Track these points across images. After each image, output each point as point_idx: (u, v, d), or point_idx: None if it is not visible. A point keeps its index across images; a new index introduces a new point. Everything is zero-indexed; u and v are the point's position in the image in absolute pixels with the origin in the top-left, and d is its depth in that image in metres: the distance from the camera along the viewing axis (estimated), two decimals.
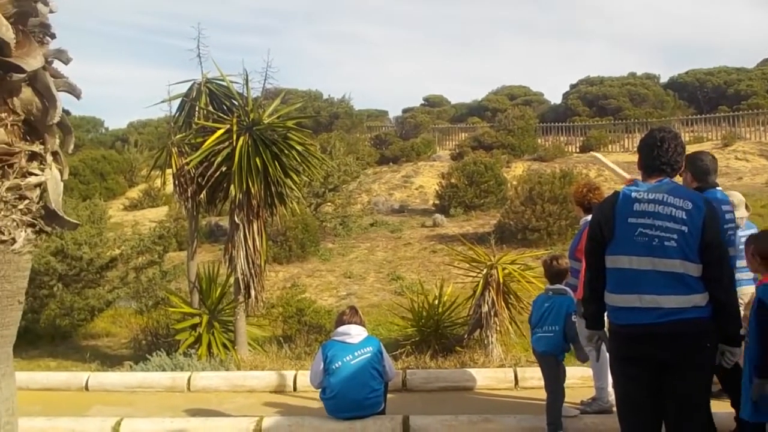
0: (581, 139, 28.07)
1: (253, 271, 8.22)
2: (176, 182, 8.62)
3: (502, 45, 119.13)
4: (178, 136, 8.62)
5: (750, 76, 34.74)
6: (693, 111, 31.79)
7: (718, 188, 5.02)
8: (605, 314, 3.74)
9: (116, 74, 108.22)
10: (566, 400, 5.34)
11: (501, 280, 7.66)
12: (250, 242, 8.19)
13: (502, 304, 7.65)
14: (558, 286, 5.38)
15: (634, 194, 3.53)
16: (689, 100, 34.80)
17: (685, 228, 3.39)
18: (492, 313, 7.54)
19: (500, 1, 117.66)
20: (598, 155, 6.71)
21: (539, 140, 27.90)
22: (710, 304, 3.43)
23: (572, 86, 37.77)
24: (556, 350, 5.21)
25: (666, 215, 3.43)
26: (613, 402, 5.22)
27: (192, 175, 8.41)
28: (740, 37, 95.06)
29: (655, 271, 3.41)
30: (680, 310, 3.38)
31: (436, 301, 8.48)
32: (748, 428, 4.10)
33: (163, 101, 8.78)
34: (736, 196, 6.33)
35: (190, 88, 8.77)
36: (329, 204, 17.15)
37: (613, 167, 18.75)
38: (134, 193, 24.41)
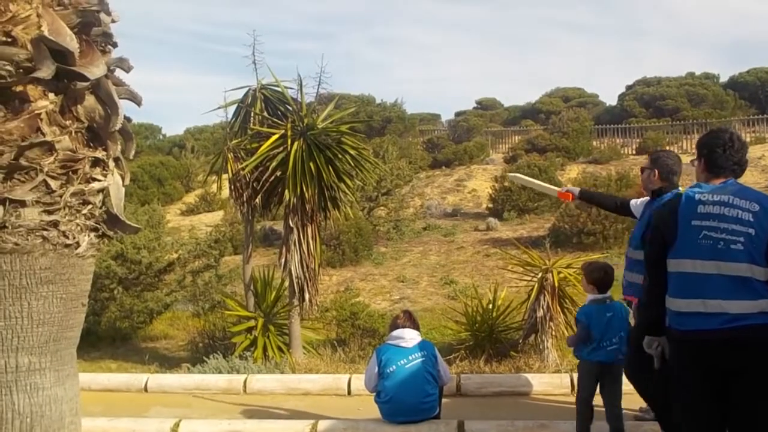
0: (638, 140, 27.54)
1: (307, 275, 8.29)
2: (232, 187, 8.74)
3: (556, 46, 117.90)
4: (233, 142, 8.74)
5: None
6: (754, 111, 30.90)
7: (679, 188, 4.88)
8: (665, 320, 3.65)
9: (173, 81, 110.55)
10: (625, 407, 5.23)
11: (556, 284, 7.56)
12: (304, 246, 8.26)
13: (558, 308, 7.56)
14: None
15: (698, 196, 3.44)
16: (750, 99, 33.86)
17: (752, 230, 3.29)
18: (547, 318, 7.45)
19: (555, 2, 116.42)
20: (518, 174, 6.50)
21: (594, 143, 27.48)
22: None
23: (628, 87, 37.11)
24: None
25: (732, 217, 3.33)
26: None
27: (247, 179, 8.53)
28: None
29: (721, 275, 3.31)
30: (746, 315, 3.28)
31: (490, 305, 8.41)
32: None
33: (219, 107, 8.95)
34: None
35: (246, 94, 8.90)
36: (382, 208, 17.18)
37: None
38: (191, 198, 24.84)
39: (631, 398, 5.99)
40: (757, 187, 10.07)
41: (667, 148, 26.07)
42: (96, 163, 3.40)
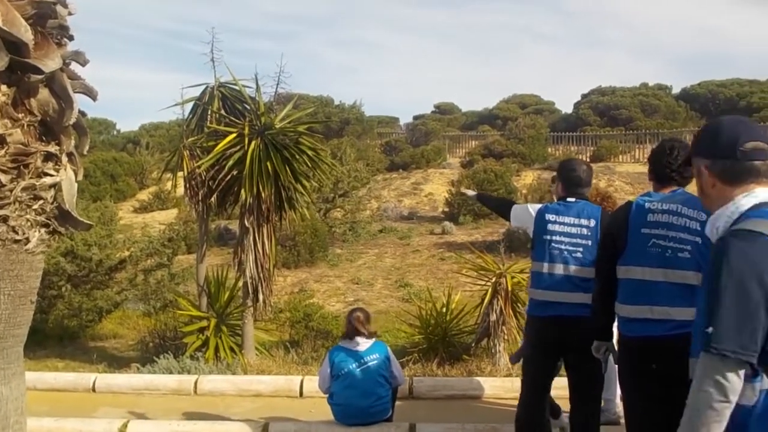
0: (592, 149, 28.00)
1: (261, 276, 8.23)
2: (187, 185, 8.65)
3: (515, 53, 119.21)
4: (190, 139, 8.66)
5: (762, 88, 34.55)
6: (705, 122, 31.65)
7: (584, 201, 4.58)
8: (615, 326, 3.72)
9: (130, 77, 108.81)
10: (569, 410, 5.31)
11: (510, 289, 7.64)
12: (259, 246, 8.20)
13: (511, 312, 7.63)
14: None
15: (647, 204, 3.51)
16: (701, 111, 34.64)
17: (699, 239, 3.36)
18: (500, 322, 7.52)
19: (515, 10, 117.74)
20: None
21: (550, 149, 27.85)
22: None
23: (584, 96, 37.68)
24: None
25: (680, 226, 3.41)
26: (621, 413, 5.20)
27: (203, 178, 8.44)
28: (754, 49, 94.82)
29: (668, 282, 3.39)
30: (692, 322, 3.35)
31: (444, 309, 8.46)
32: None
33: (175, 104, 8.84)
34: None
35: (203, 92, 8.81)
36: (339, 210, 17.18)
37: None
38: (144, 195, 24.50)
39: None
40: None
41: (620, 157, 26.60)
42: (48, 157, 3.34)
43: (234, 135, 8.12)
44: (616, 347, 3.75)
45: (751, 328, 1.97)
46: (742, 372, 2.00)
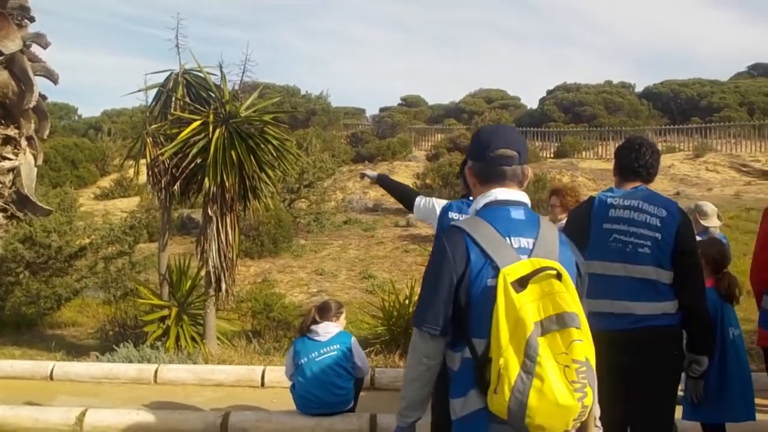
0: (556, 144, 28.29)
1: (224, 265, 8.19)
2: (150, 173, 8.55)
3: (482, 47, 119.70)
4: (153, 126, 8.55)
5: (723, 89, 35.25)
6: (666, 121, 32.18)
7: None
8: None
9: (92, 61, 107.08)
10: None
11: None
12: (222, 236, 8.15)
13: None
14: None
15: (609, 200, 3.56)
16: (663, 110, 35.20)
17: (659, 235, 3.42)
18: None
19: (483, 5, 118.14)
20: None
21: None
22: (680, 312, 3.46)
23: (549, 92, 38.01)
24: None
25: (641, 222, 3.46)
26: None
27: (166, 166, 8.35)
28: (716, 51, 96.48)
29: (628, 277, 3.44)
30: (651, 316, 3.41)
31: (407, 301, 8.49)
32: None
33: (139, 90, 8.73)
34: (709, 206, 6.47)
35: (167, 79, 8.70)
36: (303, 200, 17.11)
37: None
38: (106, 182, 24.13)
39: None
40: (666, 194, 10.48)
41: (584, 153, 26.90)
42: (7, 141, 3.28)
43: (198, 123, 8.05)
44: None
45: (438, 309, 2.31)
46: (435, 342, 2.35)
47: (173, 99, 8.54)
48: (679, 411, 3.95)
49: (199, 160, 8.09)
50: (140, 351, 7.78)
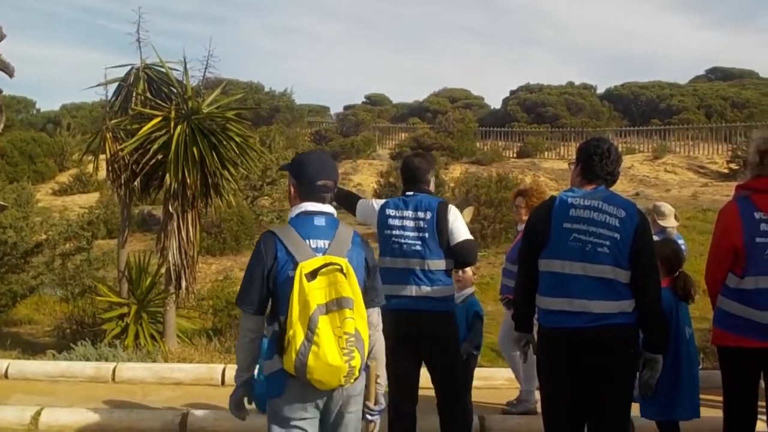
0: (519, 144, 28.53)
1: (185, 262, 8.10)
2: (109, 168, 8.42)
3: (446, 47, 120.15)
4: (113, 121, 8.42)
5: (682, 91, 35.85)
6: (626, 123, 32.64)
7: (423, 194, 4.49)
8: (535, 317, 3.80)
9: (51, 54, 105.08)
10: (492, 401, 5.41)
11: None
12: (183, 233, 8.06)
13: None
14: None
15: (570, 200, 3.59)
16: (623, 112, 35.69)
17: (617, 235, 3.47)
18: None
19: (449, 2, 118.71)
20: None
21: (478, 144, 28.24)
22: (636, 311, 3.51)
23: (512, 92, 38.29)
24: None
25: (600, 222, 3.50)
26: (539, 404, 5.33)
27: (126, 161, 8.22)
28: (675, 54, 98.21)
29: (587, 276, 3.48)
30: (608, 315, 3.46)
31: None
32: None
33: (98, 84, 8.58)
34: (666, 207, 6.57)
35: (128, 73, 8.58)
36: (266, 198, 17.01)
37: None
38: (64, 177, 23.76)
39: (501, 392, 6.24)
40: (626, 194, 10.62)
41: (546, 153, 27.17)
42: None
43: (159, 118, 7.95)
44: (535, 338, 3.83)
45: (253, 294, 2.99)
46: (254, 318, 3.02)
47: (134, 94, 8.41)
48: (635, 408, 4.02)
49: (160, 156, 7.98)
50: (98, 349, 7.66)
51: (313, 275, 2.83)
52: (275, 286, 2.96)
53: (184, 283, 8.12)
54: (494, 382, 6.56)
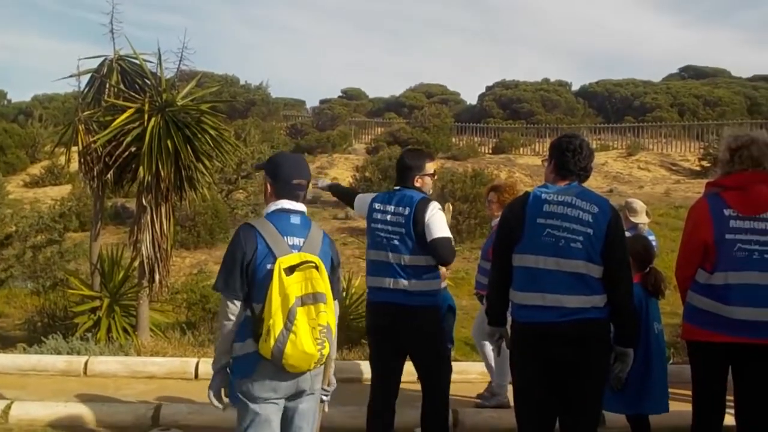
0: (494, 140, 28.66)
1: (158, 256, 8.03)
2: (82, 160, 8.31)
3: (423, 42, 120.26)
4: (86, 113, 8.30)
5: (655, 89, 36.26)
6: (601, 120, 32.94)
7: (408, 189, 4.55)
8: (508, 312, 3.83)
9: (22, 44, 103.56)
10: (465, 394, 5.44)
11: None
12: (157, 226, 7.99)
13: None
14: None
15: (544, 195, 3.62)
16: (598, 109, 36.01)
17: (590, 230, 3.50)
18: None
19: None
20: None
21: (454, 139, 28.34)
22: (608, 306, 3.55)
23: (488, 88, 38.47)
24: None
25: (573, 217, 3.53)
26: (512, 398, 5.37)
27: (99, 153, 8.11)
28: (650, 52, 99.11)
29: (560, 271, 3.51)
30: (581, 309, 3.49)
31: (344, 293, 8.49)
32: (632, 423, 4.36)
33: (71, 75, 8.44)
34: (638, 203, 6.63)
35: (101, 64, 8.47)
36: (241, 191, 16.93)
37: None
38: (36, 169, 23.47)
39: (474, 386, 6.28)
40: (599, 191, 10.72)
41: (521, 149, 27.32)
42: None
43: (133, 110, 7.86)
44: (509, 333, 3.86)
45: (234, 281, 3.18)
46: (235, 304, 3.20)
47: (107, 85, 8.31)
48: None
49: (133, 149, 7.90)
50: (70, 343, 7.58)
51: (291, 270, 3.07)
52: (253, 276, 3.17)
53: (157, 277, 8.06)
54: (468, 375, 6.60)
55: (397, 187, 4.55)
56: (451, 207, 5.46)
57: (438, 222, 4.32)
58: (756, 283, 3.65)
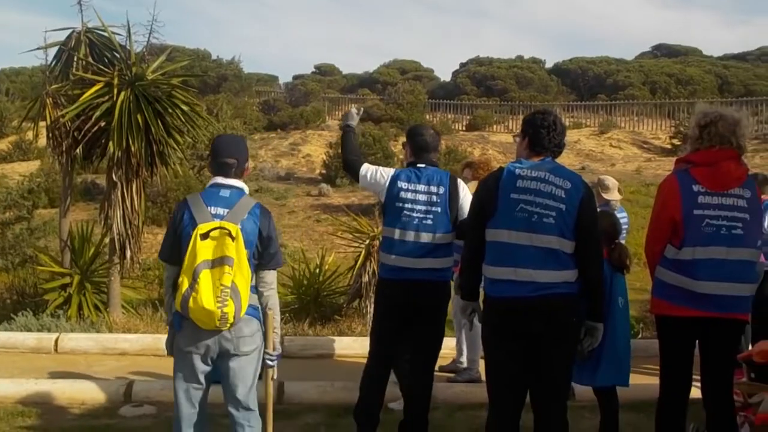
0: (468, 117, 28.67)
1: (129, 232, 7.96)
2: (50, 135, 8.18)
3: (397, 17, 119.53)
4: (53, 87, 8.16)
5: (628, 67, 36.46)
6: (574, 97, 33.07)
7: (434, 168, 4.56)
8: (481, 287, 3.85)
9: None
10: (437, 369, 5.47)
11: None
12: (127, 202, 7.91)
13: None
14: None
15: (518, 171, 3.63)
16: (571, 86, 36.13)
17: (563, 206, 3.52)
18: (372, 283, 7.63)
19: None
20: None
21: (427, 116, 28.26)
22: (579, 281, 3.59)
23: (462, 65, 38.43)
24: None
25: (546, 193, 3.55)
26: (484, 372, 5.43)
27: (68, 128, 7.99)
28: (623, 30, 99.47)
29: (533, 246, 3.53)
30: (552, 284, 3.52)
31: (317, 270, 8.50)
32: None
33: (38, 48, 8.29)
34: (610, 180, 6.71)
35: (69, 37, 8.31)
36: None
37: None
38: (3, 144, 23.01)
39: (446, 361, 6.32)
40: (573, 168, 10.70)
41: (495, 126, 27.38)
42: None
43: (101, 84, 7.75)
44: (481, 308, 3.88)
45: (170, 248, 3.65)
46: (171, 267, 3.65)
47: (75, 59, 8.17)
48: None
49: (102, 123, 7.79)
50: (40, 320, 7.53)
51: (205, 236, 3.45)
52: (181, 242, 3.55)
53: (128, 253, 7.99)
54: (441, 350, 6.64)
55: (422, 165, 4.53)
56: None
57: (469, 202, 4.38)
58: (723, 258, 3.71)
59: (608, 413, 4.39)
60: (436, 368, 5.93)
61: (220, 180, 3.74)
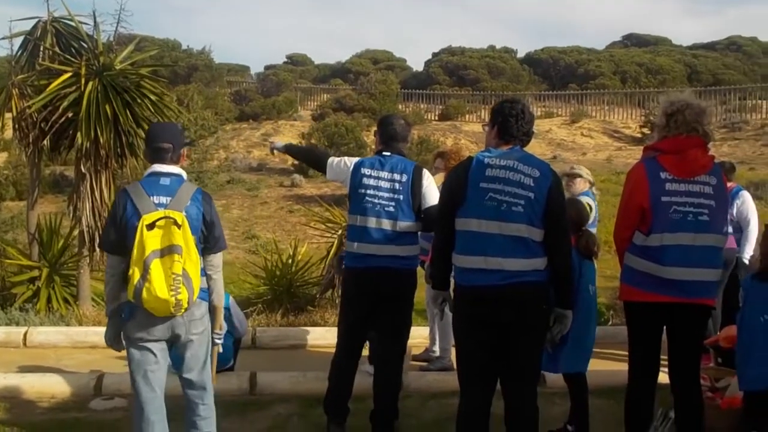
0: (441, 107, 28.71)
1: (99, 224, 7.85)
2: (16, 126, 8.06)
3: (369, 8, 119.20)
4: (19, 77, 8.03)
5: (599, 57, 36.69)
6: (546, 87, 33.25)
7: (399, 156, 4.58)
8: (451, 276, 3.86)
9: None
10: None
11: None
12: (97, 194, 7.82)
13: None
14: None
15: (487, 160, 3.64)
16: (543, 76, 36.30)
17: (532, 194, 3.54)
18: None
19: None
20: None
21: (400, 106, 28.24)
22: (548, 269, 3.61)
23: (434, 55, 38.42)
24: None
25: (515, 182, 3.56)
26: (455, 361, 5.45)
27: (34, 119, 7.87)
28: (594, 20, 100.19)
29: (502, 234, 3.54)
30: (522, 272, 3.54)
31: (290, 261, 8.48)
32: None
33: (3, 38, 8.15)
34: (583, 170, 6.74)
35: (35, 26, 8.18)
36: (185, 159, 16.64)
37: None
38: None
39: (419, 351, 6.35)
40: (544, 157, 10.80)
41: (467, 116, 27.45)
42: None
43: (69, 74, 7.63)
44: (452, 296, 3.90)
45: (111, 239, 3.65)
46: (112, 258, 3.66)
47: (41, 48, 8.05)
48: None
49: (70, 114, 7.68)
50: (8, 314, 7.43)
51: (151, 226, 3.46)
52: (125, 233, 3.55)
53: (98, 246, 7.90)
54: (413, 340, 6.65)
55: (388, 153, 4.55)
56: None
57: (433, 191, 4.43)
58: (689, 244, 3.75)
59: (578, 399, 4.44)
60: (410, 358, 5.97)
61: (158, 168, 3.73)
